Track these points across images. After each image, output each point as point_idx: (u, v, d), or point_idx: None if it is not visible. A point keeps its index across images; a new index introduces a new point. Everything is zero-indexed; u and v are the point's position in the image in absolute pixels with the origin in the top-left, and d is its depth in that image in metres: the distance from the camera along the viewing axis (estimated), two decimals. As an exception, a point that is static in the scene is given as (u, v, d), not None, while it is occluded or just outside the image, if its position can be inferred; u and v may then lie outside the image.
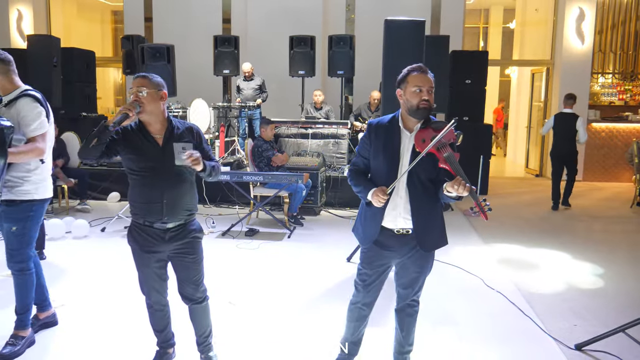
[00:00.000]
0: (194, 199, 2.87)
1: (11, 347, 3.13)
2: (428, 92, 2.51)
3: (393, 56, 4.93)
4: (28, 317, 3.25)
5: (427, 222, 2.62)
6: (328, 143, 7.97)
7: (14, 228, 3.10)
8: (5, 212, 3.08)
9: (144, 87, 2.65)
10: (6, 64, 3.12)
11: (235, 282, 4.54)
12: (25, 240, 3.17)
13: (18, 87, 3.14)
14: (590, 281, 4.74)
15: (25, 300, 3.22)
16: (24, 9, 11.25)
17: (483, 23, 15.85)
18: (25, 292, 3.21)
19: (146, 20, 11.32)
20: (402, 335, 2.86)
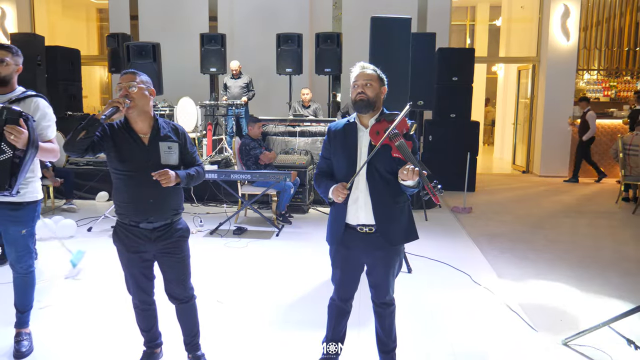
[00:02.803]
0: (180, 198, 2.85)
1: (27, 343, 3.19)
2: (364, 85, 2.62)
3: (380, 53, 4.92)
4: (29, 315, 3.27)
5: (390, 215, 2.64)
6: (316, 141, 7.96)
7: (24, 231, 3.08)
8: (13, 217, 3.02)
9: (133, 82, 2.64)
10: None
11: (224, 280, 4.52)
12: (32, 240, 3.18)
13: (17, 87, 3.10)
14: (575, 276, 4.78)
15: (29, 299, 3.24)
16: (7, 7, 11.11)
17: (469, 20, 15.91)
18: (30, 290, 3.23)
19: (132, 18, 11.23)
20: (383, 334, 2.87)
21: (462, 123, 9.01)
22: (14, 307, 3.24)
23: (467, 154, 7.58)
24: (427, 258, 5.14)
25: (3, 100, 2.97)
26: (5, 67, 2.99)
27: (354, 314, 3.03)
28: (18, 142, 2.77)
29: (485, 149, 15.43)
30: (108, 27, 11.54)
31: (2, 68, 2.98)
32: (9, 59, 3.01)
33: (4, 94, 3.03)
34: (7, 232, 3.07)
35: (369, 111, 2.63)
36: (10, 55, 3.03)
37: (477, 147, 9.14)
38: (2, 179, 2.80)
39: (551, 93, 10.49)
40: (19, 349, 3.15)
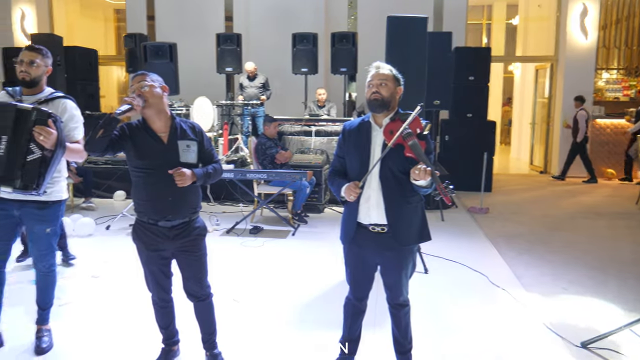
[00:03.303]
0: (198, 197, 2.87)
1: (47, 339, 3.23)
2: (378, 85, 2.61)
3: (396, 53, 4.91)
4: (50, 312, 3.32)
5: (402, 215, 2.63)
6: (331, 140, 7.95)
7: (48, 229, 3.11)
8: (40, 215, 3.06)
9: (144, 81, 2.67)
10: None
11: (240, 279, 4.54)
12: (55, 239, 3.21)
13: (45, 88, 3.15)
14: (594, 277, 4.72)
15: (51, 296, 3.29)
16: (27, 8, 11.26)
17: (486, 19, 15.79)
18: (51, 288, 3.28)
19: (149, 19, 11.32)
20: (399, 335, 2.86)
21: (478, 123, 8.94)
22: (35, 304, 3.28)
23: (484, 154, 7.52)
24: (444, 259, 5.11)
25: (32, 100, 3.01)
26: (35, 69, 3.03)
27: (370, 313, 3.03)
28: (47, 143, 2.81)
29: (502, 149, 15.30)
30: (125, 27, 11.65)
31: (33, 69, 3.02)
32: (39, 61, 3.06)
33: (33, 95, 3.07)
34: (32, 231, 3.10)
35: (383, 111, 2.62)
36: (40, 57, 3.07)
37: (494, 147, 9.07)
38: (30, 179, 2.84)
39: (569, 92, 10.36)
40: (40, 344, 3.19)
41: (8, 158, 2.84)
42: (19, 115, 2.84)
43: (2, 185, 2.88)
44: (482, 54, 9.22)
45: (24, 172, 2.83)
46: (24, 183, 2.84)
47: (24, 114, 2.84)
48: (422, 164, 2.43)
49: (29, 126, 2.81)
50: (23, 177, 2.83)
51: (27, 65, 3.02)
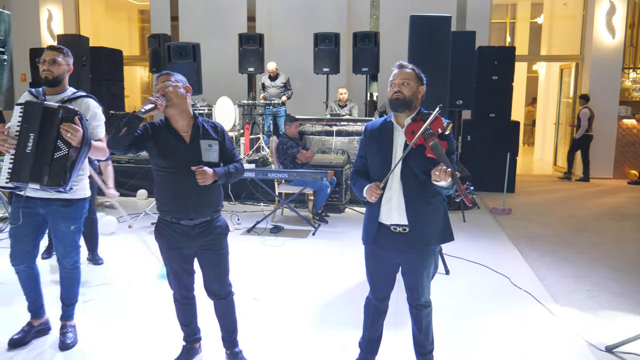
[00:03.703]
0: (220, 196, 2.90)
1: (72, 335, 3.29)
2: (400, 84, 2.60)
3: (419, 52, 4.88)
4: (74, 308, 3.38)
5: (424, 216, 2.61)
6: (353, 140, 7.94)
7: (73, 227, 3.17)
8: (62, 212, 3.12)
9: (168, 81, 2.70)
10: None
11: (260, 278, 4.56)
12: (79, 236, 3.27)
13: (68, 88, 3.20)
14: (619, 280, 4.64)
15: (75, 292, 3.35)
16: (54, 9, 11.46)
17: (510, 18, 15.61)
18: (76, 285, 3.34)
19: (172, 19, 11.44)
20: (421, 336, 2.85)
21: (501, 123, 8.84)
22: (59, 300, 3.34)
23: (507, 154, 7.44)
24: (465, 260, 5.06)
25: (56, 100, 3.07)
26: (57, 67, 3.09)
27: (391, 314, 3.02)
28: (73, 140, 2.87)
29: (525, 149, 15.11)
30: (149, 28, 11.79)
31: (55, 68, 3.08)
32: (61, 59, 3.11)
33: (56, 94, 3.13)
34: (57, 228, 3.16)
35: (405, 110, 2.61)
36: (61, 56, 3.13)
37: (517, 148, 8.96)
38: (58, 175, 2.90)
39: (595, 92, 10.18)
40: (64, 340, 3.24)
41: (36, 155, 2.91)
42: (46, 113, 2.91)
43: (31, 182, 2.93)
44: (506, 53, 9.11)
45: (52, 169, 2.90)
46: (52, 180, 2.90)
47: (51, 112, 2.91)
48: (443, 164, 2.41)
49: (56, 124, 2.88)
50: (51, 173, 2.90)
51: (49, 64, 3.07)
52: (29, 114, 2.93)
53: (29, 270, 3.24)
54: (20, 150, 2.92)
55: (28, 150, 2.91)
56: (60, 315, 3.34)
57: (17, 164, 2.93)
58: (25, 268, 3.22)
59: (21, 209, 3.10)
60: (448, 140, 2.55)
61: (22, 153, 2.92)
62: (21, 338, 3.26)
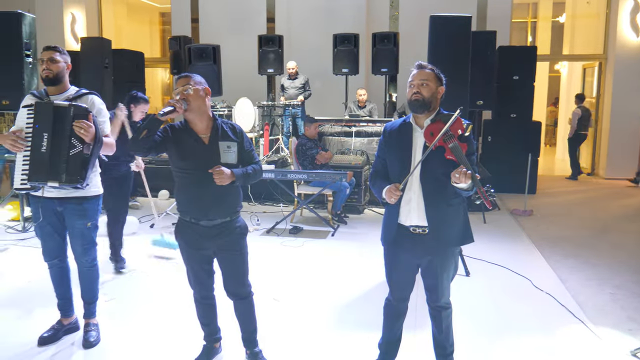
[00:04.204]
0: (239, 197, 2.92)
1: (95, 334, 3.35)
2: (419, 85, 2.58)
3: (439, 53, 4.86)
4: (96, 306, 3.43)
5: (443, 217, 2.59)
6: (372, 141, 7.92)
7: (89, 224, 3.23)
8: (80, 210, 3.17)
9: (188, 84, 2.72)
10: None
11: (280, 279, 4.58)
12: (96, 233, 3.32)
13: (70, 87, 3.25)
14: None
15: (95, 290, 3.41)
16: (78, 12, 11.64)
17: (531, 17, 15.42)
18: (96, 282, 3.40)
19: (193, 21, 11.54)
20: (441, 337, 2.83)
21: (523, 123, 8.74)
22: (81, 299, 3.40)
23: (528, 155, 7.35)
24: (486, 261, 5.02)
25: (60, 99, 3.12)
26: (56, 65, 3.13)
27: (410, 316, 3.01)
28: (87, 136, 2.94)
29: (547, 150, 14.91)
30: (170, 30, 11.91)
31: (54, 66, 3.13)
32: (58, 57, 3.16)
33: (60, 93, 3.18)
34: (74, 227, 3.21)
35: (424, 111, 2.60)
36: (58, 54, 3.17)
37: (539, 148, 8.85)
38: (75, 172, 2.96)
39: (619, 91, 10.01)
40: (88, 338, 3.30)
41: (51, 154, 2.97)
42: (57, 112, 2.97)
43: (49, 180, 2.99)
44: (528, 53, 9.01)
45: (68, 166, 2.96)
46: (69, 177, 2.96)
47: (62, 111, 2.97)
48: (463, 167, 2.40)
49: (69, 122, 2.94)
50: (68, 171, 2.96)
51: (48, 63, 3.13)
52: (40, 114, 2.99)
53: (61, 264, 3.33)
54: (35, 151, 2.98)
55: (43, 150, 2.97)
56: (83, 313, 3.40)
57: (33, 164, 2.98)
58: (58, 262, 3.32)
59: (38, 210, 3.17)
60: (468, 142, 2.53)
61: (37, 153, 2.98)
62: (51, 336, 3.34)
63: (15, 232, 5.93)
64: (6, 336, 3.44)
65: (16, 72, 5.66)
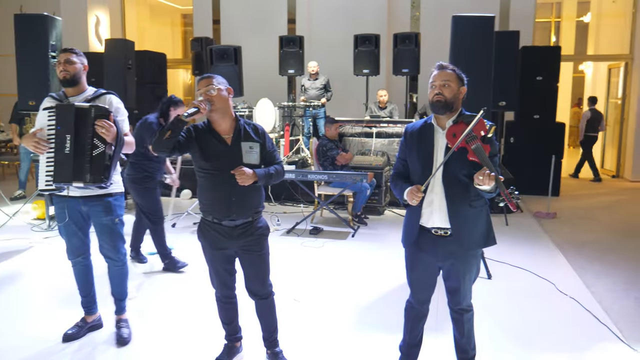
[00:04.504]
0: (260, 197, 2.92)
1: (127, 330, 3.41)
2: (441, 85, 2.55)
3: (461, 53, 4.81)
4: (126, 302, 3.49)
5: (466, 219, 2.57)
6: (393, 142, 7.89)
7: (117, 219, 3.28)
8: (104, 207, 3.22)
9: (211, 85, 2.74)
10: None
11: (300, 279, 4.58)
12: (123, 228, 3.36)
13: (88, 87, 3.30)
14: (673, 289, 4.46)
15: (125, 286, 3.47)
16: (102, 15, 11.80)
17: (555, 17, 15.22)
18: (126, 278, 3.45)
19: (214, 23, 11.62)
20: (462, 340, 2.80)
21: (546, 124, 8.63)
22: (111, 296, 3.46)
23: (552, 156, 7.25)
24: (508, 264, 4.96)
25: (79, 100, 3.17)
26: (72, 66, 3.18)
27: (431, 318, 2.98)
28: (108, 136, 2.97)
29: (571, 151, 14.68)
30: (192, 31, 12.01)
31: (70, 67, 3.17)
32: (74, 59, 3.20)
33: (78, 95, 3.23)
34: (102, 224, 3.26)
35: (446, 112, 2.57)
36: (74, 55, 3.22)
37: (562, 150, 8.72)
38: (99, 172, 3.00)
39: (646, 92, 9.82)
40: (121, 335, 3.36)
41: (75, 155, 3.01)
42: (79, 113, 3.02)
43: (74, 181, 3.03)
44: (551, 53, 8.88)
45: (92, 166, 3.00)
46: (93, 176, 3.00)
47: (83, 112, 3.01)
48: (486, 168, 2.37)
49: (90, 122, 2.97)
50: (92, 170, 3.00)
51: (65, 64, 3.17)
52: (62, 116, 3.03)
53: (84, 262, 3.39)
54: (59, 152, 3.02)
55: (67, 151, 3.01)
56: (114, 310, 3.46)
57: (57, 165, 3.03)
58: (82, 260, 3.38)
59: (63, 209, 3.23)
60: (491, 143, 2.50)
61: (61, 154, 3.02)
62: (75, 333, 3.39)
63: (41, 230, 6.04)
64: (32, 333, 3.50)
65: (43, 74, 5.76)
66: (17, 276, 4.61)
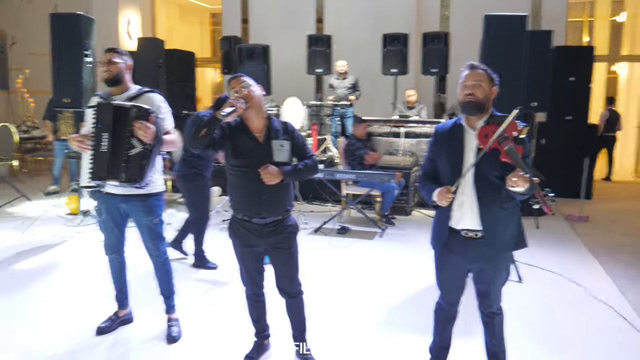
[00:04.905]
0: (290, 196, 2.93)
1: (176, 328, 3.44)
2: (473, 86, 2.51)
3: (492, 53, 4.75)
4: (174, 299, 3.53)
5: (497, 221, 2.52)
6: (421, 142, 7.83)
7: (156, 219, 3.31)
8: (145, 207, 3.25)
9: (246, 83, 2.76)
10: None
11: (328, 278, 4.58)
12: (162, 228, 3.40)
13: (131, 86, 3.33)
14: None
15: (171, 283, 3.50)
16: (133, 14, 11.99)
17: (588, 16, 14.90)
18: (171, 275, 3.49)
19: (243, 22, 11.70)
20: (493, 344, 2.76)
21: (578, 126, 8.45)
22: (160, 295, 3.50)
23: (584, 159, 7.10)
24: (539, 268, 4.88)
25: (122, 98, 3.20)
26: (115, 66, 3.22)
27: (460, 321, 2.94)
28: (146, 138, 2.98)
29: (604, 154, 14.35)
30: (220, 30, 12.10)
31: (113, 67, 3.21)
32: (116, 59, 3.24)
33: (121, 93, 3.26)
34: (141, 223, 3.30)
35: (477, 113, 2.53)
36: (117, 55, 3.26)
37: (595, 152, 8.53)
38: (134, 172, 3.02)
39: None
40: (170, 333, 3.40)
41: (112, 154, 3.03)
42: (117, 112, 3.04)
43: (109, 179, 3.07)
44: (585, 53, 8.70)
45: (128, 166, 3.01)
46: (128, 176, 3.02)
47: (122, 111, 3.03)
48: (520, 170, 2.32)
49: (129, 122, 2.99)
50: (127, 170, 3.02)
51: (107, 64, 3.21)
52: (101, 114, 3.06)
53: (119, 259, 3.45)
54: (97, 150, 3.06)
55: (104, 150, 3.04)
56: (165, 308, 3.51)
57: (95, 163, 3.07)
58: (116, 257, 3.44)
59: (103, 206, 3.29)
60: (523, 144, 2.45)
61: (98, 152, 3.06)
62: (107, 327, 3.46)
63: (73, 225, 6.15)
64: (66, 325, 3.57)
65: (76, 72, 5.86)
66: (50, 270, 4.71)
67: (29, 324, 3.63)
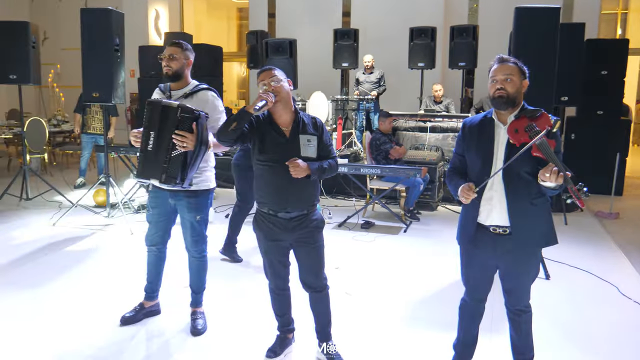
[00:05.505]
0: (316, 190, 2.92)
1: (201, 321, 3.47)
2: (503, 80, 2.46)
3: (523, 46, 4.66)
4: (203, 295, 3.56)
5: (527, 217, 2.48)
6: (447, 137, 7.74)
7: (199, 217, 3.32)
8: (189, 203, 3.26)
9: (275, 76, 2.76)
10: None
11: (352, 273, 4.57)
12: (206, 226, 3.42)
13: (191, 81, 3.34)
14: None
15: (203, 280, 3.52)
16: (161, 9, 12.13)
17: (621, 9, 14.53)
18: (203, 273, 3.50)
19: (269, 16, 11.73)
20: (520, 342, 2.72)
21: (610, 121, 8.24)
22: (189, 287, 3.54)
23: (616, 154, 6.93)
24: (567, 265, 4.79)
25: (179, 94, 3.22)
26: (175, 62, 3.21)
27: (486, 317, 2.91)
28: (184, 146, 2.94)
29: (636, 150, 14.03)
30: (247, 25, 12.16)
31: (173, 63, 3.21)
32: (178, 54, 3.23)
33: (179, 89, 3.27)
34: (184, 219, 3.33)
35: (508, 108, 2.48)
36: (179, 50, 3.25)
37: (627, 148, 8.33)
38: (174, 173, 3.00)
39: None
40: (196, 326, 3.42)
41: (156, 153, 3.03)
42: (164, 112, 3.01)
43: (151, 177, 3.10)
44: (618, 46, 8.47)
45: (169, 166, 3.00)
46: (168, 176, 3.01)
47: (170, 111, 3.00)
48: (552, 164, 2.28)
49: (173, 123, 2.96)
50: (168, 171, 3.00)
51: (168, 60, 3.21)
52: (151, 112, 3.05)
53: (158, 252, 3.49)
54: (144, 148, 3.07)
55: (150, 148, 3.05)
56: (190, 301, 3.54)
57: (141, 160, 3.10)
58: (156, 250, 3.48)
59: (153, 199, 3.35)
60: (555, 138, 2.40)
61: (145, 150, 3.07)
62: (132, 317, 3.51)
63: (102, 217, 6.26)
64: (92, 315, 3.64)
65: (107, 66, 5.95)
66: (78, 261, 4.80)
67: (58, 312, 3.70)
